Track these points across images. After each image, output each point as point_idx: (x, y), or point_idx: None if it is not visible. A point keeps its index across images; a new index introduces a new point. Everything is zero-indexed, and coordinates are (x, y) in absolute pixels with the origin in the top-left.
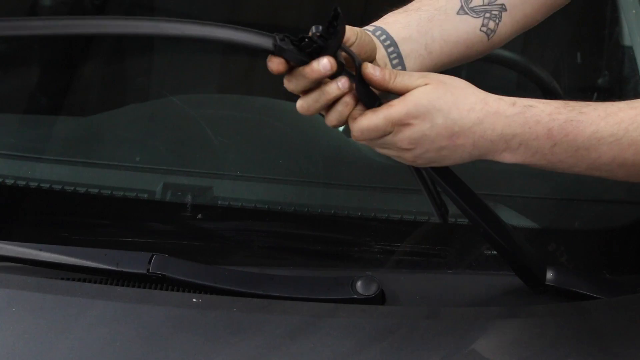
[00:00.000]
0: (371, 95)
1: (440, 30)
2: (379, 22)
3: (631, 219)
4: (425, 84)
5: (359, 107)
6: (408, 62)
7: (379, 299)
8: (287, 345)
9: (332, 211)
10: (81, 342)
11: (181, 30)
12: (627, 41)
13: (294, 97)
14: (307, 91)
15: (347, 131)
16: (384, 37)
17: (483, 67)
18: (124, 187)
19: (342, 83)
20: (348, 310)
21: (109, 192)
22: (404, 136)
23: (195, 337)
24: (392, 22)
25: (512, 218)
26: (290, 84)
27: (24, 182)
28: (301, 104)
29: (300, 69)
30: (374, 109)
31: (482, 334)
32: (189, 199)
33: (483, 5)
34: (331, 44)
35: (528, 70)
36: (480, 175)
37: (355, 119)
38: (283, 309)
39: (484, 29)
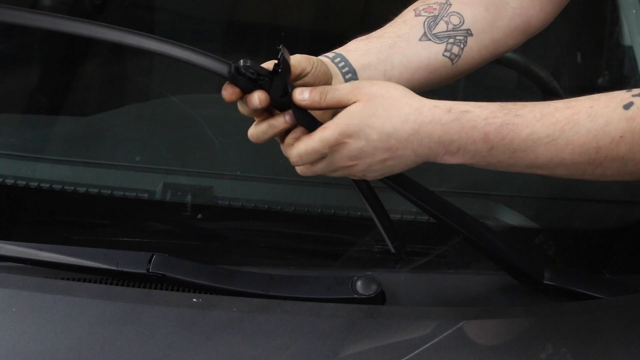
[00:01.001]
0: (309, 119)
1: (400, 57)
2: (340, 49)
3: (631, 219)
4: (356, 101)
5: (293, 135)
6: None
7: (379, 299)
8: (287, 345)
9: (332, 211)
10: (81, 341)
11: (140, 42)
12: (627, 41)
13: None
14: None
15: None
16: (342, 64)
17: (483, 67)
18: (124, 187)
19: (290, 117)
20: (348, 310)
21: (109, 192)
22: (342, 155)
23: (195, 337)
24: (353, 50)
25: (512, 218)
26: (242, 109)
27: (24, 182)
28: (251, 133)
29: (245, 96)
30: (309, 134)
31: (482, 334)
32: (189, 198)
33: (447, 31)
34: (277, 79)
35: (528, 70)
36: (481, 175)
37: (290, 145)
38: (283, 309)
39: (447, 53)
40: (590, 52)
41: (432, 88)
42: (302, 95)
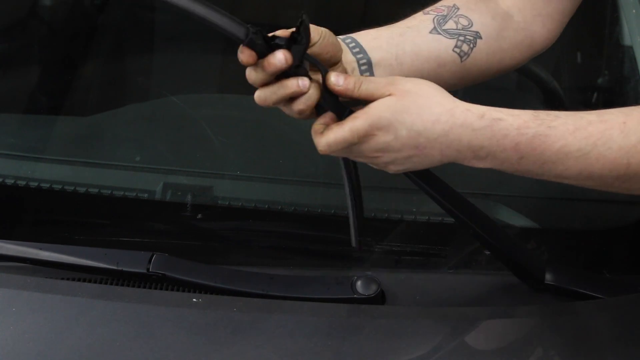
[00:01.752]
0: (339, 106)
1: (412, 45)
2: (350, 34)
3: (631, 219)
4: (390, 94)
5: (322, 121)
6: (377, 70)
7: (379, 299)
8: (287, 345)
9: (332, 211)
10: (81, 341)
11: None
12: (627, 41)
13: None
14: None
15: None
16: (353, 44)
17: None
18: (124, 187)
19: (303, 82)
20: (348, 310)
21: (109, 192)
22: (369, 147)
23: (195, 337)
24: (363, 34)
25: (512, 218)
26: (251, 75)
27: (24, 182)
28: (259, 94)
29: (260, 61)
30: (339, 122)
31: (482, 334)
32: (189, 198)
33: (457, 29)
34: (296, 48)
35: (528, 70)
36: (481, 176)
37: (321, 133)
38: (283, 309)
39: (457, 50)
40: (590, 52)
41: (442, 84)
42: (337, 80)
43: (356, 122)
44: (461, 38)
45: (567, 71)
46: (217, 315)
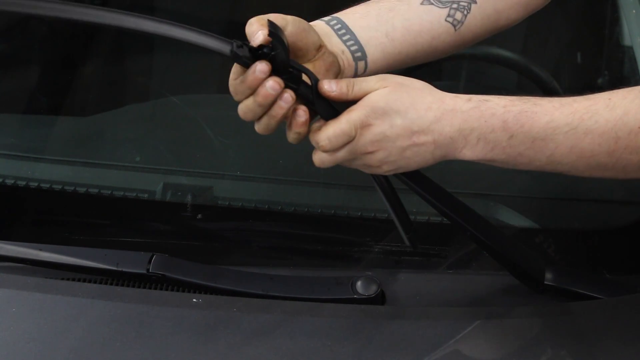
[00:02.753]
0: (331, 109)
1: (402, 20)
2: (337, 14)
3: (631, 219)
4: (383, 87)
5: (318, 124)
6: (369, 49)
7: (379, 299)
8: (287, 345)
9: (332, 211)
10: (81, 342)
11: (138, 25)
12: (627, 41)
13: None
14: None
15: None
16: (338, 26)
17: (483, 67)
18: (124, 187)
19: (272, 84)
20: (348, 310)
21: (109, 192)
22: (367, 139)
23: (195, 337)
24: (350, 12)
25: (512, 218)
26: (234, 89)
27: (24, 182)
28: (240, 107)
29: (242, 76)
30: (336, 117)
31: (482, 334)
32: (189, 199)
33: None
34: (279, 53)
35: (528, 70)
36: (481, 176)
37: (318, 130)
38: (283, 309)
39: (450, 19)
40: (590, 52)
41: (436, 58)
42: (330, 86)
43: (352, 114)
44: (454, 6)
45: (567, 71)
46: (217, 315)
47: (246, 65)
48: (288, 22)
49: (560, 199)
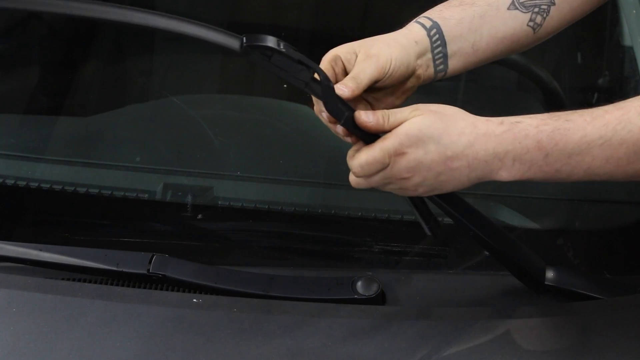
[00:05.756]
0: (368, 136)
1: (489, 27)
2: (436, 16)
3: (631, 219)
4: (417, 116)
5: (354, 147)
6: (452, 62)
7: (379, 299)
8: (287, 345)
9: (332, 211)
10: (81, 342)
11: (147, 20)
12: (627, 41)
13: (294, 97)
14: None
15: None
16: (436, 37)
17: (483, 67)
18: (124, 187)
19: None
20: (348, 310)
21: (109, 192)
22: (401, 166)
23: (195, 337)
24: (448, 18)
25: (512, 218)
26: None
27: (24, 182)
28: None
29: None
30: (369, 144)
31: (482, 334)
32: (189, 199)
33: (533, 0)
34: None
35: (528, 70)
36: None
37: (352, 157)
38: (283, 309)
39: (531, 23)
40: (590, 52)
41: (509, 55)
42: (367, 118)
43: (386, 142)
44: (535, 10)
45: (567, 71)
46: (217, 315)
47: (264, 64)
48: (387, 72)
49: (560, 199)
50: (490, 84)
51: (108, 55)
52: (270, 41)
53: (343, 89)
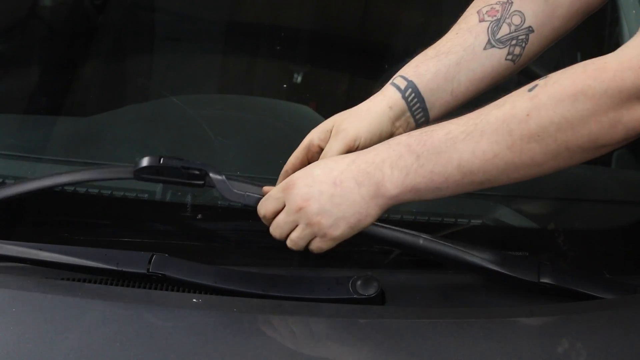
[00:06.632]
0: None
1: (466, 72)
2: (411, 74)
3: (631, 219)
4: None
5: None
6: (433, 112)
7: (379, 299)
8: (287, 345)
9: None
10: (81, 342)
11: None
12: (627, 41)
13: (294, 97)
14: None
15: None
16: (412, 95)
17: None
18: (124, 187)
19: None
20: (348, 310)
21: (109, 192)
22: (295, 195)
23: (195, 337)
24: (424, 73)
25: (512, 218)
26: None
27: None
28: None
29: None
30: None
31: (482, 334)
32: (189, 199)
33: (510, 33)
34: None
35: (528, 70)
36: None
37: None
38: (283, 309)
39: (510, 56)
40: (590, 52)
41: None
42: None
43: (278, 185)
44: (513, 42)
45: None
46: (217, 315)
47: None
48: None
49: (561, 199)
50: None
51: (108, 55)
52: (149, 160)
53: None
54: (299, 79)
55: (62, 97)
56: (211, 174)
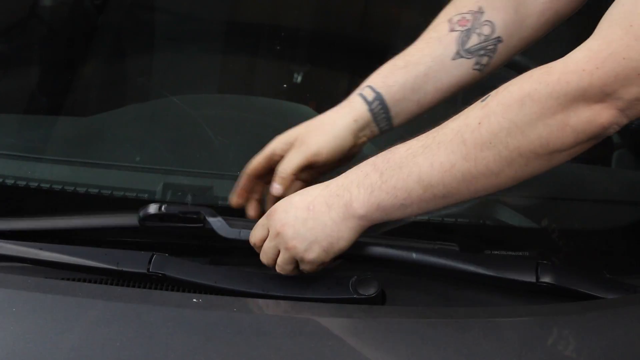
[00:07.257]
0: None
1: (434, 82)
2: (379, 85)
3: (631, 219)
4: None
5: None
6: (396, 121)
7: (379, 299)
8: (287, 345)
9: None
10: (81, 342)
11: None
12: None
13: (293, 97)
14: None
15: None
16: (379, 107)
17: None
18: (124, 187)
19: None
20: (348, 310)
21: (109, 192)
22: (275, 221)
23: (195, 337)
24: (392, 84)
25: (512, 218)
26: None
27: (24, 182)
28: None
29: None
30: None
31: (482, 334)
32: (189, 199)
33: (479, 43)
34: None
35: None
36: None
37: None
38: (283, 309)
39: (477, 66)
40: None
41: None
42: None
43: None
44: (481, 52)
45: None
46: (217, 315)
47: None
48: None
49: (561, 199)
50: (490, 84)
51: (108, 55)
52: (152, 208)
53: (276, 185)
54: (299, 79)
55: (62, 97)
56: (208, 218)
